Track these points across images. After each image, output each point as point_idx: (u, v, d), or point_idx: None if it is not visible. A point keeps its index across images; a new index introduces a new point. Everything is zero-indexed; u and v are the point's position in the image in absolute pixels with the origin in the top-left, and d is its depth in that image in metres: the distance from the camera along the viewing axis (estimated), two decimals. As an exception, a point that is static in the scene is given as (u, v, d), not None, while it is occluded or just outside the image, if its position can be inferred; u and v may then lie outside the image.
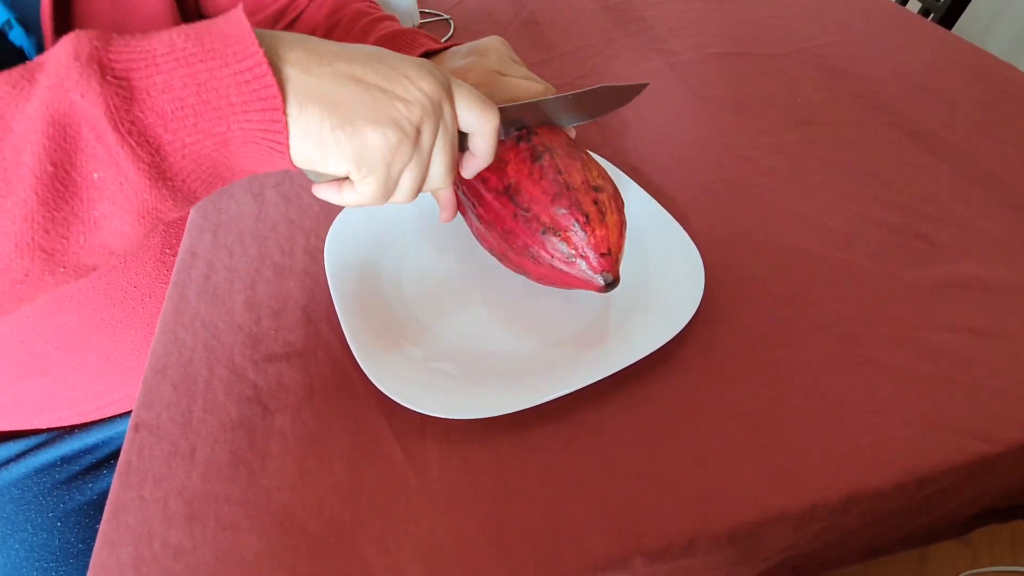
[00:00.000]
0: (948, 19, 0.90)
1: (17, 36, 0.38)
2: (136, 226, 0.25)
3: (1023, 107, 0.54)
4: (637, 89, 0.40)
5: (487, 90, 0.39)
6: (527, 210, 0.34)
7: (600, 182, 0.35)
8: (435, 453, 0.32)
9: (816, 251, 0.42)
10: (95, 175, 0.22)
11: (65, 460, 0.50)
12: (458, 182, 0.38)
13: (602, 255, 0.33)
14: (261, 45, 0.23)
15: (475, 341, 0.37)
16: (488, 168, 0.34)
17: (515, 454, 0.32)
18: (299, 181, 0.51)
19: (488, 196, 0.36)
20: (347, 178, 0.28)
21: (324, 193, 0.29)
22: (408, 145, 0.26)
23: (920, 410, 0.32)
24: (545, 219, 0.33)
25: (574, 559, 0.28)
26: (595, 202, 0.33)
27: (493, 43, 0.43)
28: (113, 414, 0.53)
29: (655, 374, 0.35)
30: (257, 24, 0.52)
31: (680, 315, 0.35)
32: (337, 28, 0.51)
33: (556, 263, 0.34)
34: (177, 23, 0.46)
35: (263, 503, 0.31)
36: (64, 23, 0.39)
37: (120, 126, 0.22)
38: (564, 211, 0.33)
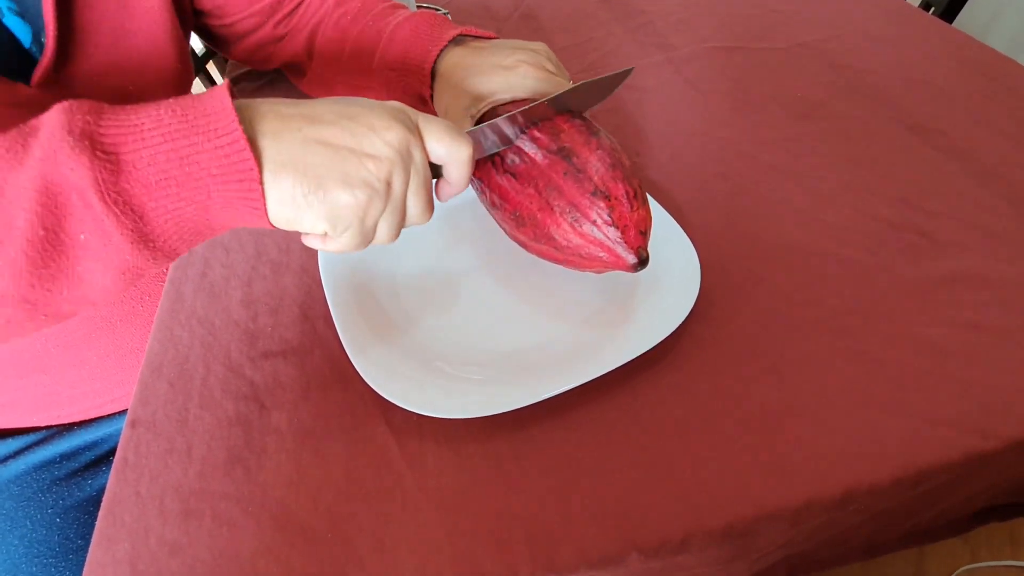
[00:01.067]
0: (949, 13, 0.89)
1: (12, 23, 0.38)
2: (117, 281, 0.26)
3: (1023, 102, 0.54)
4: (621, 76, 0.39)
5: (540, 86, 0.40)
6: (580, 170, 0.34)
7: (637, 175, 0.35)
8: (431, 449, 0.32)
9: (814, 246, 0.41)
10: (81, 236, 0.24)
11: (64, 457, 0.50)
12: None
13: (640, 232, 0.33)
14: (240, 119, 0.25)
15: (470, 340, 0.37)
16: (540, 129, 0.35)
17: (511, 451, 0.32)
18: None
19: (534, 153, 0.35)
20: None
21: (311, 243, 0.30)
22: (379, 199, 0.28)
23: (918, 406, 0.32)
24: (598, 181, 0.33)
25: (570, 555, 0.28)
26: (640, 184, 0.34)
27: (542, 47, 0.43)
28: (113, 411, 0.53)
29: (651, 370, 0.35)
30: (256, 13, 0.52)
31: (675, 313, 0.35)
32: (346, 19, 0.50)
33: (595, 230, 0.33)
34: (171, 12, 0.47)
35: (259, 500, 0.31)
36: (66, 16, 0.39)
37: (107, 196, 0.24)
38: (619, 182, 0.33)
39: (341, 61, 0.50)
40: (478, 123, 0.38)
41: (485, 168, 0.37)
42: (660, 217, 0.42)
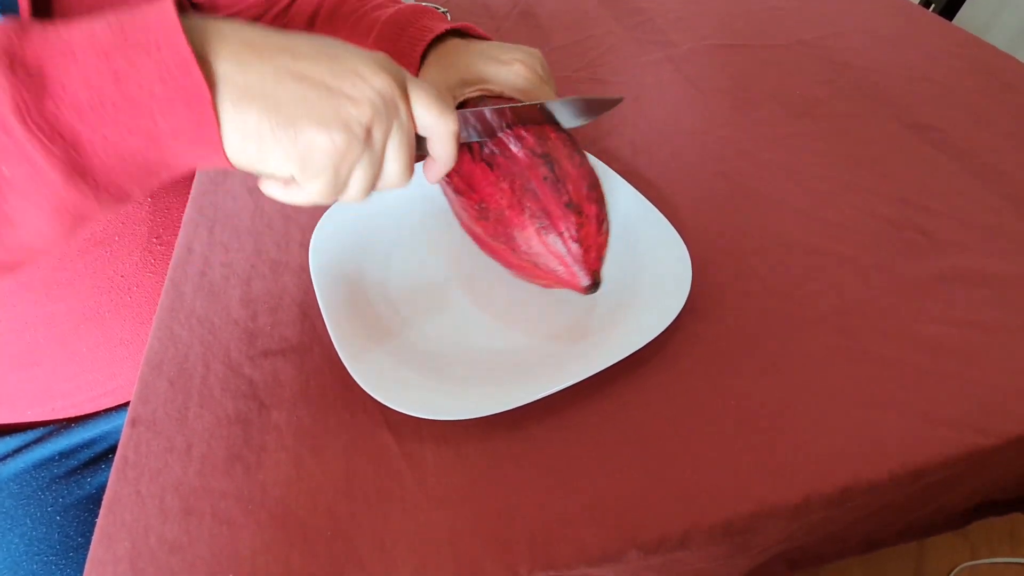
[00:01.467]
0: (949, 11, 0.89)
1: None
2: (54, 224, 0.24)
3: (1023, 99, 0.54)
4: (612, 103, 0.39)
5: (529, 89, 0.39)
6: (560, 180, 0.33)
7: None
8: (430, 448, 0.32)
9: (813, 244, 0.41)
10: (4, 170, 0.21)
11: (63, 455, 0.51)
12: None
13: (599, 257, 0.33)
14: (189, 37, 0.22)
15: (466, 340, 0.37)
16: (527, 130, 0.34)
17: (509, 449, 0.32)
18: (295, 176, 0.51)
19: (517, 150, 0.35)
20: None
21: (271, 190, 0.27)
22: (357, 146, 0.25)
23: (916, 403, 0.32)
24: (574, 195, 0.33)
25: (569, 553, 0.28)
26: (607, 216, 0.34)
27: (537, 52, 0.42)
28: (108, 406, 0.53)
29: (649, 368, 0.35)
30: (253, 6, 0.51)
31: (668, 310, 0.35)
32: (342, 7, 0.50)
33: (559, 243, 0.33)
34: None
35: (259, 498, 0.31)
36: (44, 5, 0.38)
37: (29, 120, 0.21)
38: (593, 203, 0.33)
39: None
40: (460, 107, 0.38)
41: (460, 151, 0.37)
42: (653, 218, 0.41)
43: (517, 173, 0.34)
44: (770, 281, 0.39)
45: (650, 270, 0.38)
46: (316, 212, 0.47)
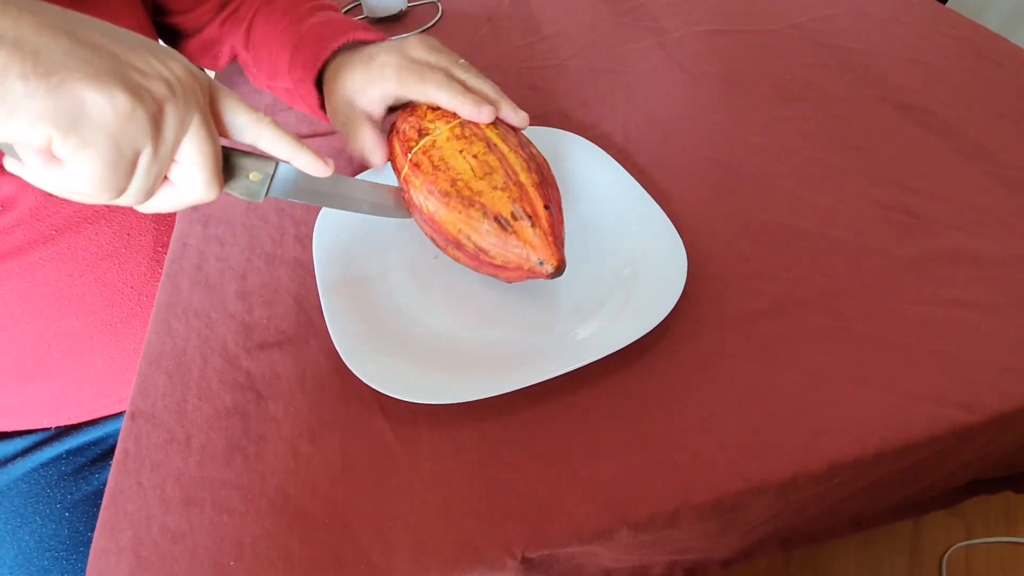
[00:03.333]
0: (943, -9, 0.88)
1: None
2: None
3: (1015, 80, 0.54)
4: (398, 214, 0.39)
5: (413, 77, 0.38)
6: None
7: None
8: (425, 434, 0.33)
9: (802, 227, 0.42)
10: None
11: (71, 453, 0.51)
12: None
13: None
14: None
15: (459, 329, 0.37)
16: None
17: (504, 433, 0.33)
18: (288, 170, 0.51)
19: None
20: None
21: (14, 166, 0.22)
22: (143, 120, 0.21)
23: (903, 381, 0.33)
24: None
25: (561, 531, 0.29)
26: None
27: (414, 39, 0.42)
28: (119, 411, 0.53)
29: (638, 351, 0.35)
30: (205, 12, 0.50)
31: (663, 305, 0.35)
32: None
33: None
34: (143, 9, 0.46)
35: (258, 487, 0.32)
36: None
37: None
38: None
39: (266, 61, 0.49)
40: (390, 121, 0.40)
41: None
42: (646, 204, 0.41)
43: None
44: (759, 264, 0.40)
45: (645, 259, 0.39)
46: (310, 207, 0.47)
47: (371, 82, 0.40)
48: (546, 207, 0.34)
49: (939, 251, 0.39)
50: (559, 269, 0.33)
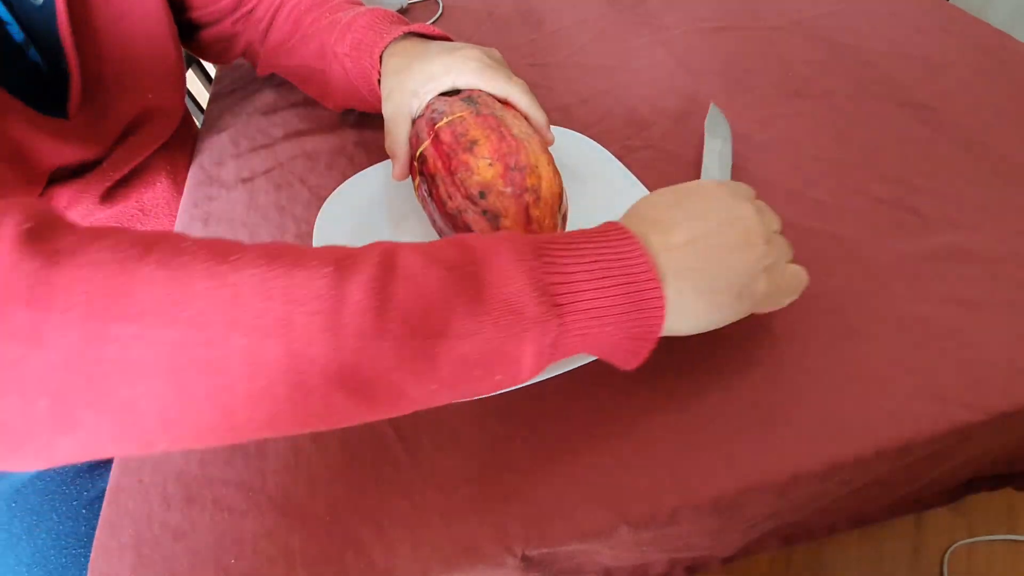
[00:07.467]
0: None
1: (33, 55, 0.40)
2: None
3: (1019, 76, 0.53)
4: None
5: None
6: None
7: None
8: (426, 432, 0.33)
9: (805, 224, 0.42)
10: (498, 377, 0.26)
11: None
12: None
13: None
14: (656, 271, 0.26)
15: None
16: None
17: (504, 432, 0.33)
18: (289, 168, 0.51)
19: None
20: None
21: None
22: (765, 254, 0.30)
23: (904, 380, 0.33)
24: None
25: (561, 529, 0.29)
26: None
27: (492, 50, 0.44)
28: None
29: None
30: (218, 10, 0.53)
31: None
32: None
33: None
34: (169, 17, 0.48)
35: (259, 485, 0.32)
36: (80, 36, 0.42)
37: (543, 358, 0.26)
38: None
39: (291, 48, 0.52)
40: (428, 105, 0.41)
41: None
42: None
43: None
44: (761, 262, 0.39)
45: None
46: (310, 203, 0.47)
47: (449, 70, 0.41)
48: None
49: (941, 248, 0.39)
50: None
